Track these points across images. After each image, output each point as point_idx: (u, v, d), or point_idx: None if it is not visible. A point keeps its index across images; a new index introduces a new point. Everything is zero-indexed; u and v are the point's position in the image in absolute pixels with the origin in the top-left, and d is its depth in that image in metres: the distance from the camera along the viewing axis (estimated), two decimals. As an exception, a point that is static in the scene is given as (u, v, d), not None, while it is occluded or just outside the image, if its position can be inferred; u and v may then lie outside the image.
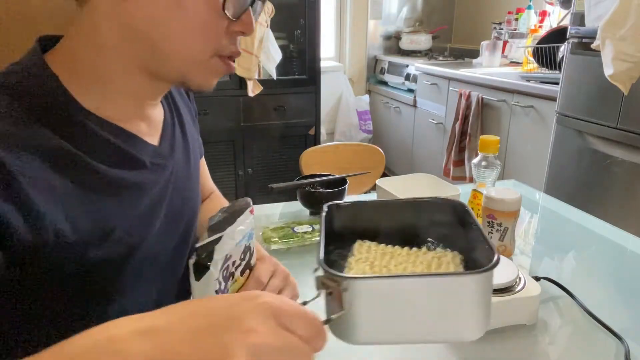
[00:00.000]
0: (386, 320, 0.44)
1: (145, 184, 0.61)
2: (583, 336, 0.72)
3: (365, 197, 1.36)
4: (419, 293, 0.43)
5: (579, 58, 1.85)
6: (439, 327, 0.45)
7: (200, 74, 0.58)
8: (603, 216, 1.13)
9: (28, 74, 0.52)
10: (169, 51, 0.55)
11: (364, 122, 3.66)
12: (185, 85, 0.59)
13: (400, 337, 0.46)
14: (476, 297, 0.44)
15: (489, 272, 0.43)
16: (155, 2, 0.52)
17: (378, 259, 0.56)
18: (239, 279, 0.67)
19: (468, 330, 0.45)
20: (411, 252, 0.56)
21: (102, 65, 0.55)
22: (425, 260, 0.54)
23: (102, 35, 0.53)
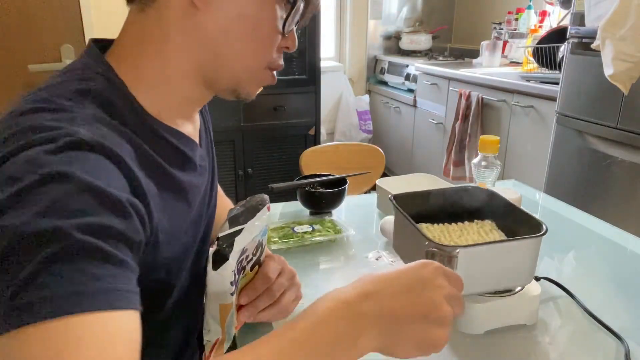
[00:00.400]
0: (479, 274, 0.63)
1: (199, 186, 0.66)
2: (583, 336, 0.72)
3: (365, 197, 1.36)
4: (502, 253, 0.64)
5: (579, 58, 1.85)
6: (510, 276, 0.66)
7: (252, 83, 0.63)
8: (603, 216, 1.13)
9: (104, 79, 0.54)
10: (231, 60, 0.59)
11: (364, 122, 3.66)
12: (236, 92, 0.63)
13: (485, 287, 0.67)
14: (534, 253, 0.66)
15: (543, 235, 0.65)
16: (227, 15, 0.56)
17: (442, 234, 0.74)
18: (248, 273, 0.67)
19: (525, 279, 0.68)
20: (460, 226, 0.76)
21: (165, 71, 0.57)
22: (472, 230, 0.75)
23: (170, 43, 0.56)
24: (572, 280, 0.82)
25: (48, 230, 0.39)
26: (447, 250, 0.60)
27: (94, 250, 0.40)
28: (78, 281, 0.38)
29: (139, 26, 0.57)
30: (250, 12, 0.57)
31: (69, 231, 0.39)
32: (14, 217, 0.40)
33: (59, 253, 0.38)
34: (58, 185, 0.41)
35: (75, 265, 0.38)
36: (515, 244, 0.65)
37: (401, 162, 3.47)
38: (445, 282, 0.49)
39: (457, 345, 0.69)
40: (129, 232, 0.44)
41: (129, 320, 0.40)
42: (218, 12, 0.56)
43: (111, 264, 0.41)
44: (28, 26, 1.92)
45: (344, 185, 1.14)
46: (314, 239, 0.99)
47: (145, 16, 0.57)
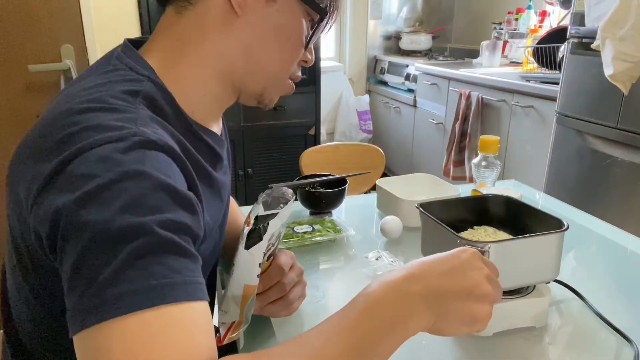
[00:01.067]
0: (508, 270, 0.64)
1: (227, 184, 0.70)
2: (591, 339, 0.72)
3: (365, 197, 1.36)
4: (530, 248, 0.67)
5: (579, 58, 1.85)
6: (538, 271, 0.70)
7: (276, 90, 0.67)
8: (603, 216, 1.13)
9: (149, 80, 0.56)
10: (262, 66, 0.63)
11: (364, 122, 3.66)
12: (260, 98, 0.67)
13: (515, 282, 0.69)
14: (559, 248, 0.69)
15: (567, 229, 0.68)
16: (263, 24, 0.60)
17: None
18: (264, 262, 0.68)
19: (552, 273, 0.70)
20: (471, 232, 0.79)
21: (201, 72, 0.60)
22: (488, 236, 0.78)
23: (207, 45, 0.59)
24: (572, 281, 0.81)
25: (132, 226, 0.41)
26: (479, 246, 0.63)
27: (173, 245, 0.43)
28: (162, 275, 0.41)
29: (176, 28, 0.60)
30: (285, 23, 0.61)
31: (151, 227, 0.42)
32: (95, 214, 0.42)
33: (142, 248, 0.41)
34: (135, 183, 0.43)
35: (158, 259, 0.41)
36: (542, 238, 0.68)
37: (401, 162, 3.47)
38: (484, 265, 0.53)
39: (463, 346, 0.69)
40: (195, 228, 0.47)
41: (205, 309, 0.43)
42: (256, 20, 0.60)
43: (186, 258, 0.44)
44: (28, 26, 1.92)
45: (344, 185, 1.14)
46: (314, 239, 0.99)
47: (183, 18, 0.59)
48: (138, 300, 0.39)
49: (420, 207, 0.77)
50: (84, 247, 0.41)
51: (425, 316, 0.48)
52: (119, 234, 0.41)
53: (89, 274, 0.41)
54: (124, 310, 0.39)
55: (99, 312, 0.39)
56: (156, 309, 0.40)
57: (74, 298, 0.41)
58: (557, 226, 0.70)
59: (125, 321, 0.39)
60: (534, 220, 0.76)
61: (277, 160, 2.56)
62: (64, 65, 1.93)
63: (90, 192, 0.43)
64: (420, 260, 0.52)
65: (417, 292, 0.48)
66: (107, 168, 0.44)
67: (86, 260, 0.41)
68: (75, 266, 0.42)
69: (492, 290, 0.51)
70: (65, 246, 0.43)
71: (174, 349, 0.39)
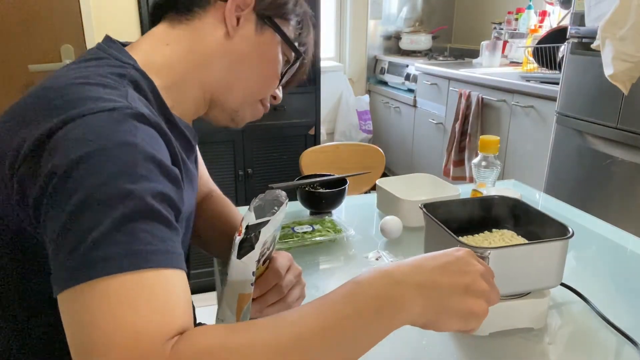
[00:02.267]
0: (509, 276, 0.65)
1: (196, 176, 0.73)
2: (590, 337, 0.72)
3: (365, 197, 1.36)
4: (531, 255, 0.66)
5: (579, 58, 1.85)
6: (539, 279, 0.69)
7: (249, 110, 0.73)
8: (603, 216, 1.13)
9: (133, 68, 0.59)
10: (242, 84, 0.69)
11: (364, 122, 3.66)
12: (235, 114, 0.72)
13: (515, 289, 0.69)
14: (562, 256, 0.68)
15: (571, 237, 0.67)
16: (250, 49, 0.67)
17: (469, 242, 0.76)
18: (260, 267, 0.68)
19: (554, 280, 0.69)
20: (482, 236, 0.79)
21: (186, 76, 0.65)
22: (495, 239, 0.78)
23: (196, 54, 0.65)
24: (572, 281, 0.81)
25: (122, 192, 0.43)
26: (479, 252, 0.62)
27: (159, 215, 0.45)
28: (147, 241, 0.43)
29: (167, 35, 0.65)
30: (268, 53, 0.69)
31: (141, 194, 0.44)
32: (87, 177, 0.44)
33: (131, 214, 0.43)
34: (127, 152, 0.46)
35: (144, 226, 0.43)
36: (544, 245, 0.68)
37: (401, 162, 3.46)
38: (477, 262, 0.53)
39: (463, 346, 0.69)
40: (179, 202, 0.49)
41: (183, 279, 0.45)
42: (244, 45, 0.67)
43: (169, 229, 0.46)
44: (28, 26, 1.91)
45: (344, 185, 1.14)
46: (314, 239, 0.99)
47: (177, 30, 0.65)
48: (124, 262, 0.41)
49: (423, 207, 0.77)
50: (74, 209, 0.43)
51: (419, 307, 0.47)
52: (109, 198, 0.43)
53: (78, 235, 0.42)
54: (109, 271, 0.40)
55: (85, 272, 0.40)
56: (139, 272, 0.41)
57: (61, 257, 0.42)
58: (562, 232, 0.69)
59: (109, 281, 0.40)
60: (540, 224, 0.75)
61: (277, 160, 2.56)
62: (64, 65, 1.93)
63: (83, 157, 0.44)
64: (413, 257, 0.52)
65: (412, 282, 0.48)
66: (100, 135, 0.46)
67: (75, 221, 0.42)
68: (64, 227, 0.43)
69: (488, 288, 0.51)
70: (54, 207, 0.44)
71: (153, 311, 0.41)
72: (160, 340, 0.39)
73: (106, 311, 0.39)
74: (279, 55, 0.70)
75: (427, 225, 0.78)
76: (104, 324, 0.39)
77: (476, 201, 0.87)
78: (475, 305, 0.49)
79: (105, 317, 0.39)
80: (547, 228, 0.73)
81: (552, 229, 0.72)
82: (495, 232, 0.80)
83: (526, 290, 0.71)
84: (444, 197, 1.03)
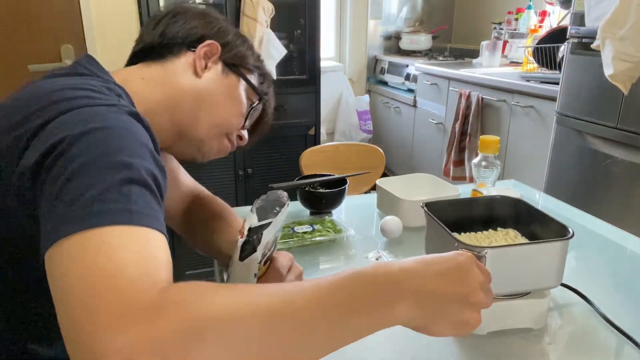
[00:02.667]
0: (506, 276, 0.65)
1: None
2: (590, 337, 0.72)
3: (365, 197, 1.36)
4: (529, 255, 0.66)
5: (579, 58, 1.85)
6: (537, 279, 0.68)
7: (215, 143, 0.78)
8: (603, 216, 1.13)
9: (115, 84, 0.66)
10: (209, 117, 0.75)
11: (364, 122, 3.66)
12: (200, 145, 0.77)
13: (512, 289, 0.69)
14: (561, 257, 0.68)
15: (570, 238, 0.67)
16: (216, 88, 0.75)
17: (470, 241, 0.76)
18: (261, 267, 0.68)
19: (553, 281, 0.69)
20: (486, 234, 0.79)
21: (160, 110, 0.71)
22: (498, 237, 0.78)
23: (168, 89, 0.72)
24: (572, 281, 0.81)
25: (122, 162, 0.48)
26: (476, 251, 0.62)
27: (152, 189, 0.49)
28: (141, 205, 0.47)
29: (142, 71, 0.72)
30: (230, 93, 0.77)
31: (138, 168, 0.49)
32: (91, 147, 0.48)
33: (130, 180, 0.47)
34: (126, 134, 0.51)
35: (140, 193, 0.47)
36: (542, 246, 0.68)
37: (401, 162, 3.47)
38: (479, 272, 0.53)
39: (463, 346, 0.69)
40: (164, 191, 0.54)
41: (167, 244, 0.48)
42: (211, 85, 0.75)
43: (159, 206, 0.50)
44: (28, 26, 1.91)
45: (344, 185, 1.14)
46: (314, 239, 0.99)
47: (150, 68, 0.73)
48: (121, 217, 0.44)
49: (425, 206, 0.77)
50: (76, 169, 0.47)
51: (411, 310, 0.47)
52: (110, 165, 0.47)
53: (79, 190, 0.45)
54: (108, 222, 0.43)
55: (88, 221, 0.43)
56: (133, 228, 0.44)
57: (59, 210, 0.45)
58: (562, 232, 0.69)
59: (106, 231, 0.43)
60: (540, 224, 0.75)
61: (277, 160, 2.56)
62: (64, 65, 1.93)
63: (86, 131, 0.49)
64: (416, 258, 0.52)
65: (410, 286, 0.48)
66: (102, 119, 0.52)
67: (76, 179, 0.46)
68: (65, 184, 0.46)
69: (485, 299, 0.52)
70: (55, 166, 0.48)
71: (146, 259, 0.43)
72: (153, 284, 0.41)
73: (109, 256, 0.42)
74: (243, 97, 0.79)
75: (428, 225, 0.78)
76: (109, 266, 0.41)
77: (476, 201, 0.87)
78: (470, 317, 0.50)
79: (110, 260, 0.41)
80: (547, 228, 0.73)
81: (552, 229, 0.72)
82: (500, 230, 0.80)
83: (526, 290, 0.71)
84: (444, 197, 1.04)
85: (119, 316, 0.37)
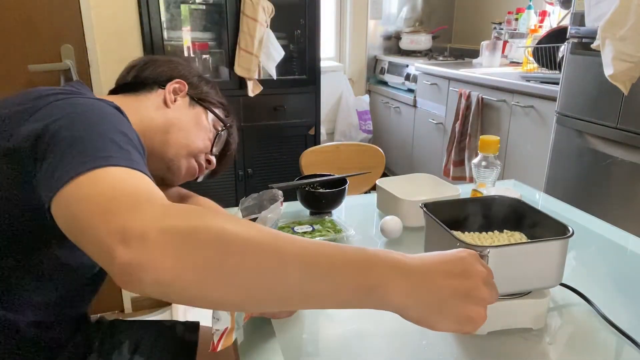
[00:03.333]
0: (508, 275, 0.65)
1: None
2: (590, 337, 0.72)
3: (365, 197, 1.36)
4: (531, 254, 0.67)
5: (579, 58, 1.85)
6: (539, 278, 0.69)
7: (183, 163, 0.87)
8: (603, 216, 1.13)
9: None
10: (177, 141, 0.84)
11: (364, 122, 3.66)
12: (170, 163, 0.85)
13: (514, 288, 0.69)
14: (562, 255, 0.68)
15: (571, 237, 0.67)
16: (184, 117, 0.86)
17: (472, 240, 0.76)
18: None
19: (554, 279, 0.69)
20: (491, 234, 0.79)
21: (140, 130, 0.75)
22: (502, 239, 0.77)
23: (141, 114, 0.82)
24: (572, 281, 0.81)
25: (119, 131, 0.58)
26: (478, 250, 0.62)
27: (141, 159, 0.58)
28: (137, 162, 0.55)
29: (120, 100, 0.77)
30: (197, 120, 0.88)
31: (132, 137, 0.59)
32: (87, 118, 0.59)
33: (124, 141, 0.57)
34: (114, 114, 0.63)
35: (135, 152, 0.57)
36: (543, 245, 0.67)
37: (401, 162, 3.47)
38: (483, 268, 0.53)
39: (463, 346, 0.69)
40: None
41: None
42: (179, 114, 0.86)
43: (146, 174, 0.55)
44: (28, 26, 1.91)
45: (344, 185, 1.14)
46: (314, 239, 0.99)
47: (126, 98, 0.84)
48: (122, 162, 0.53)
49: (424, 207, 0.77)
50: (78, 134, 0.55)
51: (407, 295, 0.48)
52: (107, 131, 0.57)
53: (84, 146, 0.54)
54: (110, 163, 0.52)
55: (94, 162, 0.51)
56: (133, 170, 0.53)
57: (67, 159, 0.52)
58: (562, 232, 0.69)
59: (112, 170, 0.51)
60: (540, 224, 0.75)
61: (277, 160, 2.56)
62: (64, 65, 1.93)
63: (78, 111, 0.60)
64: (421, 255, 0.52)
65: (411, 270, 0.49)
66: (91, 103, 0.62)
67: (80, 141, 0.54)
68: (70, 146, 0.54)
69: (489, 295, 0.51)
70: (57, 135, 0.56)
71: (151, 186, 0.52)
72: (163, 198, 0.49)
73: (122, 181, 0.50)
74: (209, 125, 0.90)
75: (427, 225, 0.78)
76: (128, 186, 0.49)
77: (476, 201, 0.87)
78: (473, 312, 0.50)
79: (124, 182, 0.50)
80: (547, 228, 0.73)
81: (552, 228, 0.72)
82: (506, 232, 0.80)
83: (526, 290, 0.71)
84: (444, 197, 1.04)
85: (134, 208, 0.46)
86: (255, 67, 2.21)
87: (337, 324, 0.74)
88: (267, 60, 2.25)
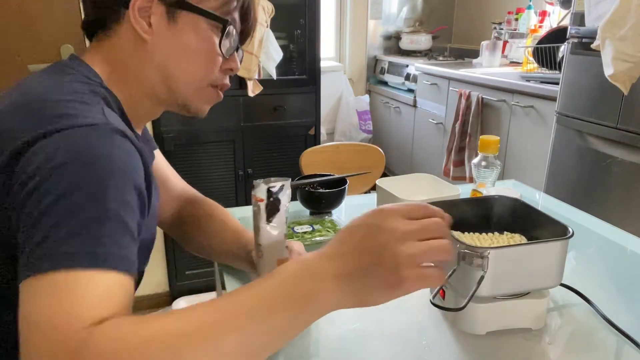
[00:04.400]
0: (509, 276, 0.65)
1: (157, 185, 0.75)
2: (590, 337, 0.72)
3: (365, 197, 1.36)
4: (531, 255, 0.66)
5: (579, 58, 1.85)
6: (539, 279, 0.68)
7: (199, 100, 0.73)
8: (603, 216, 1.13)
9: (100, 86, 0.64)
10: (177, 81, 0.69)
11: (364, 122, 3.66)
12: (186, 108, 0.73)
13: (515, 289, 0.68)
14: (562, 256, 0.68)
15: (570, 237, 0.67)
16: (170, 45, 0.67)
17: (472, 241, 0.75)
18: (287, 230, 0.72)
19: (554, 280, 0.69)
20: (490, 236, 0.78)
21: (135, 91, 0.69)
22: (502, 240, 0.76)
23: (129, 69, 0.68)
24: (572, 281, 0.81)
25: (94, 198, 0.49)
26: (478, 252, 0.61)
27: (124, 224, 0.50)
28: (110, 243, 0.48)
29: (102, 53, 0.68)
30: (190, 39, 0.68)
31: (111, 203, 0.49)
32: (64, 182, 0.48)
33: (99, 218, 0.48)
34: (103, 164, 0.51)
35: (110, 230, 0.48)
36: (543, 245, 0.67)
37: (401, 162, 3.47)
38: (399, 223, 0.49)
39: (463, 346, 0.69)
40: (142, 214, 0.55)
41: (132, 284, 0.50)
42: (163, 41, 0.67)
43: (132, 239, 0.51)
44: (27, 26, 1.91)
45: (344, 185, 1.14)
46: (314, 239, 0.99)
47: (104, 48, 0.68)
48: (86, 260, 0.46)
49: None
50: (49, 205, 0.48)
51: (335, 294, 0.48)
52: (79, 202, 0.48)
53: (48, 229, 0.47)
54: (72, 265, 0.45)
55: (49, 262, 0.45)
56: (97, 271, 0.46)
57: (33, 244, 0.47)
58: (562, 232, 0.69)
59: (74, 273, 0.45)
60: (540, 224, 0.75)
61: (277, 160, 2.56)
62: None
63: (61, 164, 0.49)
64: (336, 237, 0.52)
65: (328, 272, 0.49)
66: (80, 147, 0.51)
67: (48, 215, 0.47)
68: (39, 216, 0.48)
69: (408, 252, 0.48)
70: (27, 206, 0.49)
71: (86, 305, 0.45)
72: (76, 327, 0.43)
73: (58, 299, 0.45)
74: (207, 34, 0.68)
75: None
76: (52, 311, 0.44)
77: (476, 201, 0.87)
78: (393, 276, 0.48)
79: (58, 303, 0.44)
80: (547, 228, 0.73)
81: (552, 229, 0.72)
82: (507, 234, 0.79)
83: (526, 290, 0.71)
84: (444, 197, 1.03)
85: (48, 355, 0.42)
86: (255, 67, 2.21)
87: (337, 324, 0.74)
88: (267, 61, 2.25)
